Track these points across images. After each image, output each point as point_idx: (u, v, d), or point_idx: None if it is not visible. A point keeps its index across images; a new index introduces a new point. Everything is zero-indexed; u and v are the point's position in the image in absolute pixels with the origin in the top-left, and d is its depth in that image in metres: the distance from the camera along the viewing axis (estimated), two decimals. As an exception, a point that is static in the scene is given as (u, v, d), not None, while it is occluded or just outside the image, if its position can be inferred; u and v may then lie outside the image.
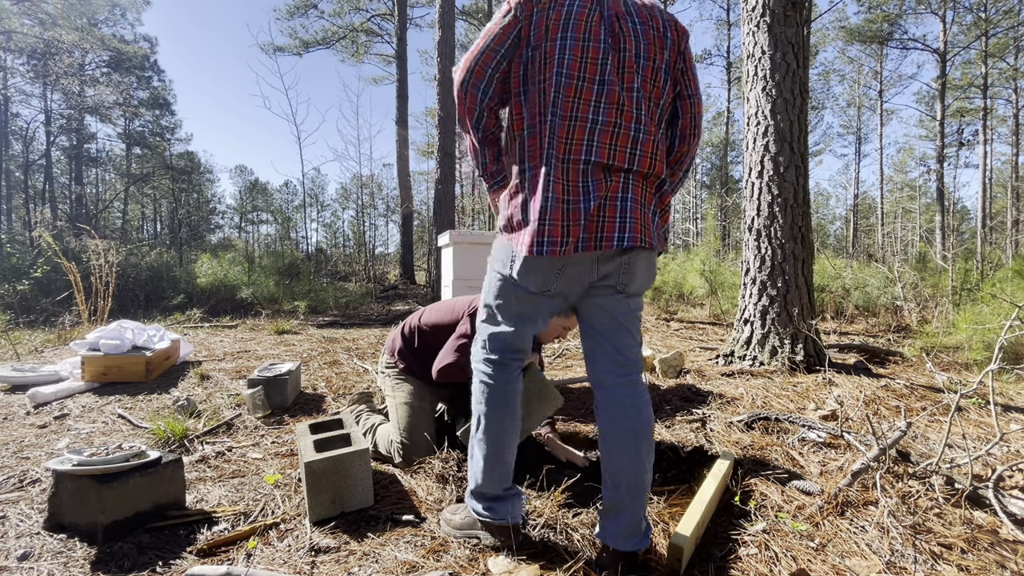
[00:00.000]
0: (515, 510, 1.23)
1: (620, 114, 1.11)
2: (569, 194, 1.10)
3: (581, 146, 1.10)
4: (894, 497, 1.37)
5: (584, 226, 1.09)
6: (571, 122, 1.10)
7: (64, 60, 13.09)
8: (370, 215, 20.78)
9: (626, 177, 1.13)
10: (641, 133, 1.13)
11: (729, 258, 8.30)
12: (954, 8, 14.85)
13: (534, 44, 1.13)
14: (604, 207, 1.11)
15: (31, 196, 17.49)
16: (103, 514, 1.28)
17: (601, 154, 1.11)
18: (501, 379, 1.24)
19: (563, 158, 1.10)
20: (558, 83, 1.10)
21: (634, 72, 1.14)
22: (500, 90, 1.19)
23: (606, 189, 1.11)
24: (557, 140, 1.10)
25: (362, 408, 2.10)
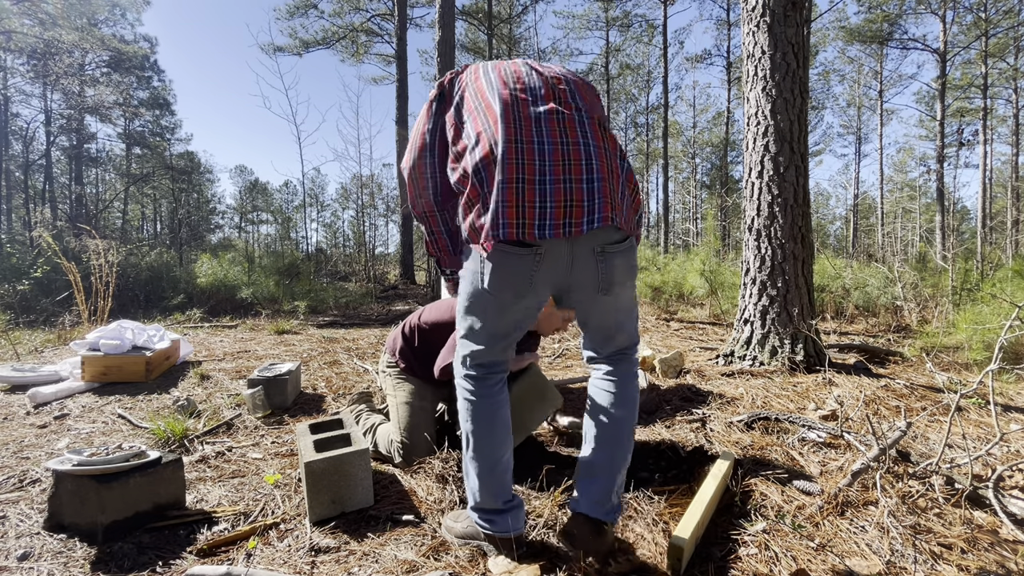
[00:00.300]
0: (517, 521, 1.21)
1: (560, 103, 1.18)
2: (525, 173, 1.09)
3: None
4: (894, 497, 1.37)
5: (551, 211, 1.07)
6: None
7: (64, 60, 13.08)
8: (370, 215, 20.79)
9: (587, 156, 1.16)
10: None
11: (729, 258, 8.30)
12: (954, 8, 14.85)
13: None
14: (571, 190, 1.08)
15: (31, 196, 17.48)
16: (103, 514, 1.28)
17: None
18: (484, 394, 1.23)
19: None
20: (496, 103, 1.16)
21: (562, 80, 1.24)
22: (442, 151, 1.26)
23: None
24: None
25: (362, 408, 2.10)
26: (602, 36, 20.44)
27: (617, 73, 22.08)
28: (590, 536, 1.12)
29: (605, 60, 21.00)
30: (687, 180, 29.60)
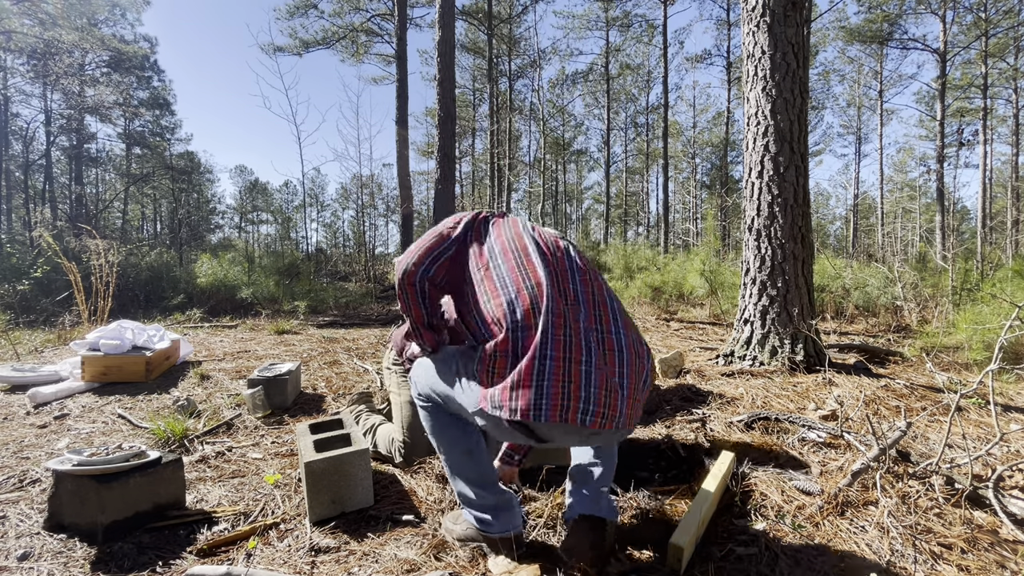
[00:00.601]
0: (514, 518, 1.20)
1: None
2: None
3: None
4: (894, 497, 1.37)
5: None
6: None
7: (64, 60, 13.08)
8: (370, 215, 20.79)
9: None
10: None
11: (729, 258, 8.30)
12: (954, 8, 14.84)
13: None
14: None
15: (31, 196, 17.48)
16: (103, 514, 1.28)
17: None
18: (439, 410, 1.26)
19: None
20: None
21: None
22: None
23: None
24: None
25: (362, 408, 2.10)
26: (602, 36, 20.44)
27: (617, 73, 22.07)
28: (592, 536, 1.12)
29: (605, 60, 20.99)
30: (687, 180, 29.60)
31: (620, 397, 1.01)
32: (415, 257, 1.20)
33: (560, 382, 0.97)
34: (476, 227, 1.25)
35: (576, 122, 26.72)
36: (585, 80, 22.93)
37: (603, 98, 22.34)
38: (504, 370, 1.01)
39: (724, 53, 19.38)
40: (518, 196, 29.60)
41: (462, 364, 1.15)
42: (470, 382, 1.10)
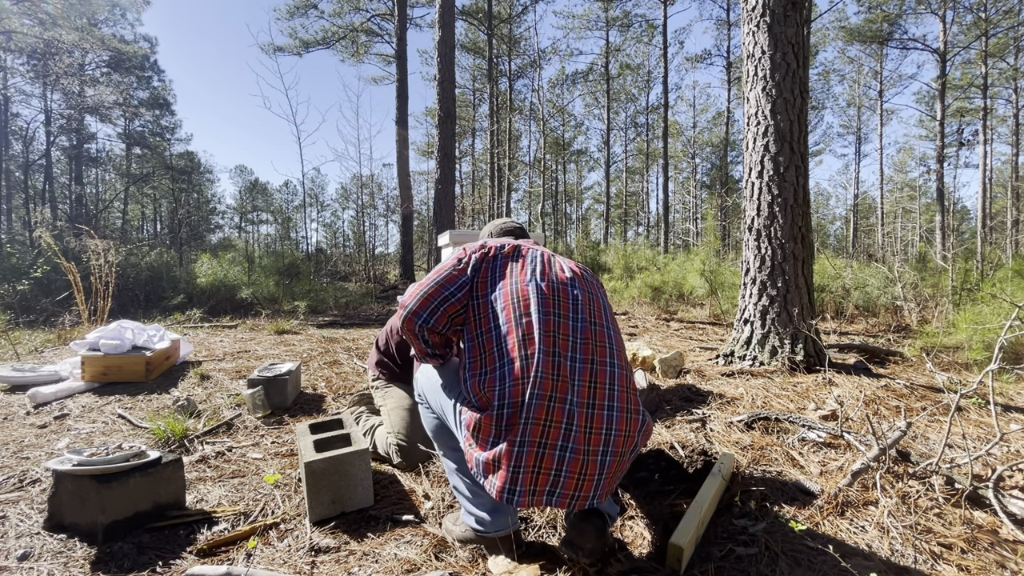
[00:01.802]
0: (511, 517, 1.21)
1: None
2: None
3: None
4: (894, 497, 1.37)
5: None
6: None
7: (64, 60, 13.08)
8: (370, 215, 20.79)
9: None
10: None
11: (729, 258, 8.29)
12: (954, 8, 14.84)
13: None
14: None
15: (31, 196, 17.47)
16: (103, 514, 1.28)
17: None
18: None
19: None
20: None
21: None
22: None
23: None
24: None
25: (362, 409, 2.10)
26: (602, 36, 20.44)
27: (617, 73, 22.07)
28: (594, 531, 1.13)
29: (605, 60, 20.99)
30: (687, 180, 29.60)
31: (596, 476, 1.05)
32: (416, 303, 1.17)
33: (532, 471, 1.02)
34: (484, 269, 1.20)
35: (576, 122, 26.73)
36: (585, 80, 22.92)
37: (603, 98, 22.34)
38: (487, 441, 1.06)
39: (724, 53, 19.39)
40: (518, 196, 29.60)
41: (459, 400, 1.17)
42: (459, 421, 1.14)
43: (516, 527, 1.21)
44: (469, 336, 1.15)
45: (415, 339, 1.21)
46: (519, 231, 1.57)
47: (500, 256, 1.23)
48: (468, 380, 1.11)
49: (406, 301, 1.19)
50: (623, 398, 1.10)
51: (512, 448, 1.02)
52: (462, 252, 1.24)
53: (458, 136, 21.37)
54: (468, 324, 1.17)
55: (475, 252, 1.23)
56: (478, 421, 1.06)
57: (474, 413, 1.08)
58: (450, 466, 1.27)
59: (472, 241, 3.37)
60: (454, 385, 1.20)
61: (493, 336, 1.11)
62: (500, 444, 1.03)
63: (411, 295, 1.18)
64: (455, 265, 1.21)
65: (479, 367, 1.10)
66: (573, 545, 1.11)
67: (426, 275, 1.23)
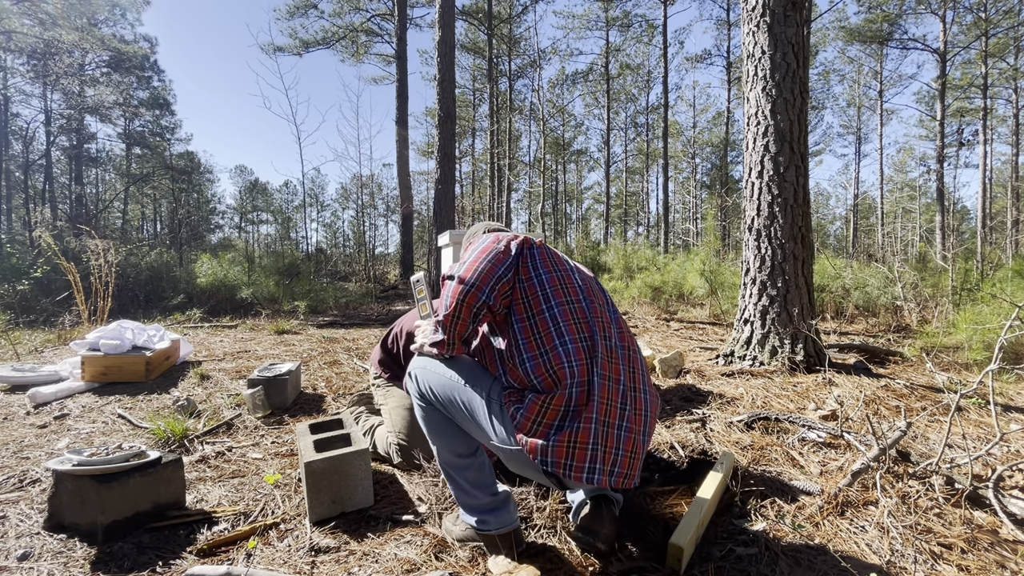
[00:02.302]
0: (511, 514, 1.20)
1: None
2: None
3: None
4: (894, 497, 1.37)
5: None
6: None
7: (64, 60, 13.08)
8: (370, 215, 20.78)
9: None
10: None
11: (729, 258, 8.29)
12: (954, 8, 14.84)
13: None
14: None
15: (31, 196, 17.47)
16: (103, 514, 1.28)
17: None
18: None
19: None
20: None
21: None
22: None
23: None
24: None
25: (362, 409, 2.10)
26: (602, 36, 20.44)
27: (617, 73, 22.07)
28: (608, 518, 1.15)
29: (605, 60, 20.99)
30: (687, 180, 29.60)
31: (641, 456, 1.09)
32: (478, 276, 1.11)
33: (603, 450, 1.04)
34: (525, 255, 1.19)
35: (576, 122, 26.73)
36: (585, 80, 22.93)
37: (603, 98, 22.34)
38: (552, 423, 1.04)
39: (724, 53, 19.39)
40: (518, 196, 29.62)
41: (493, 393, 1.13)
42: (500, 417, 1.10)
43: (516, 525, 1.21)
44: (518, 318, 1.13)
45: (468, 315, 1.12)
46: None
47: (535, 245, 1.24)
48: (527, 363, 1.09)
49: (464, 275, 1.12)
50: (649, 383, 1.18)
51: (590, 426, 1.03)
52: (495, 238, 1.21)
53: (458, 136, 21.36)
54: (515, 306, 1.15)
55: (512, 240, 1.22)
56: (544, 403, 1.04)
57: (536, 396, 1.06)
58: (448, 465, 1.23)
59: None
60: (482, 377, 1.16)
61: (547, 317, 1.12)
62: (574, 424, 1.03)
63: (469, 269, 1.13)
64: (499, 248, 1.17)
65: (536, 347, 1.09)
66: (590, 530, 1.13)
67: (468, 255, 1.19)
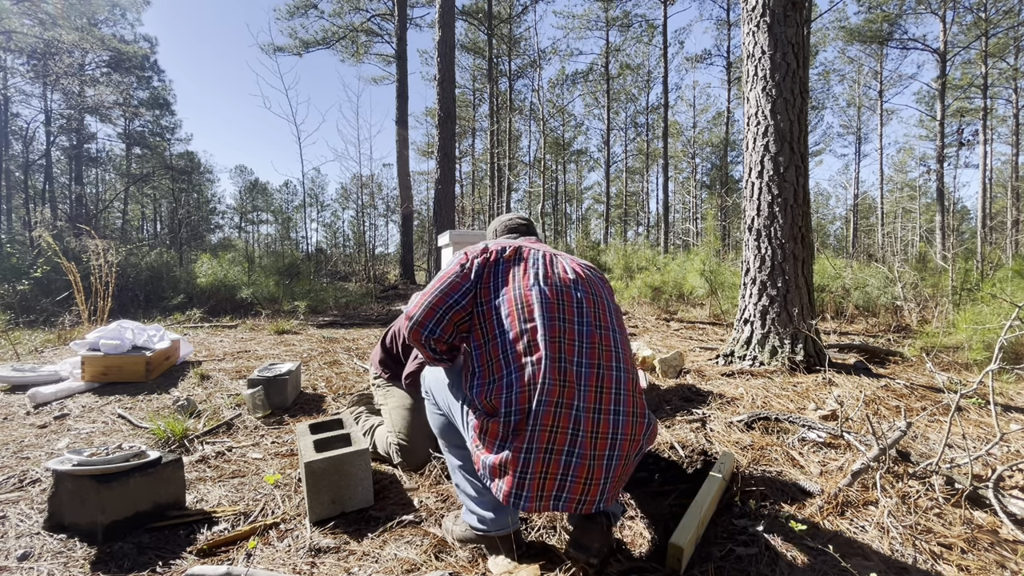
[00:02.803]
0: (513, 516, 1.21)
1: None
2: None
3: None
4: (894, 497, 1.37)
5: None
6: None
7: (64, 60, 13.08)
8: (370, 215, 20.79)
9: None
10: None
11: (729, 258, 8.29)
12: (954, 8, 14.84)
13: None
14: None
15: (31, 196, 17.48)
16: (103, 514, 1.28)
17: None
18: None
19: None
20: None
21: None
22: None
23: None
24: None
25: (362, 409, 2.10)
26: (602, 36, 20.44)
27: (617, 73, 22.07)
28: (599, 532, 1.12)
29: (605, 60, 20.99)
30: (687, 180, 29.60)
31: (602, 480, 1.05)
32: (422, 313, 1.16)
33: (539, 477, 1.03)
34: (487, 275, 1.19)
35: (576, 122, 26.73)
36: (585, 80, 22.92)
37: (603, 98, 22.34)
38: (493, 445, 1.06)
39: (724, 53, 19.39)
40: (518, 196, 29.60)
41: (466, 401, 1.16)
42: (466, 422, 1.14)
43: (517, 527, 1.21)
44: (476, 344, 1.15)
45: (422, 349, 1.20)
46: (525, 227, 1.54)
47: (502, 260, 1.21)
48: (476, 388, 1.11)
49: (411, 311, 1.17)
50: (629, 402, 1.10)
51: (519, 455, 1.02)
52: (464, 257, 1.22)
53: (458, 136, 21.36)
54: (473, 331, 1.16)
55: (476, 257, 1.21)
56: (484, 425, 1.07)
57: (481, 417, 1.08)
58: (454, 463, 1.27)
59: (473, 240, 3.36)
60: (461, 386, 1.20)
61: (499, 344, 1.11)
62: (506, 450, 1.04)
63: (416, 305, 1.17)
64: (458, 272, 1.19)
65: (487, 376, 1.10)
66: (580, 546, 1.11)
67: (430, 282, 1.22)
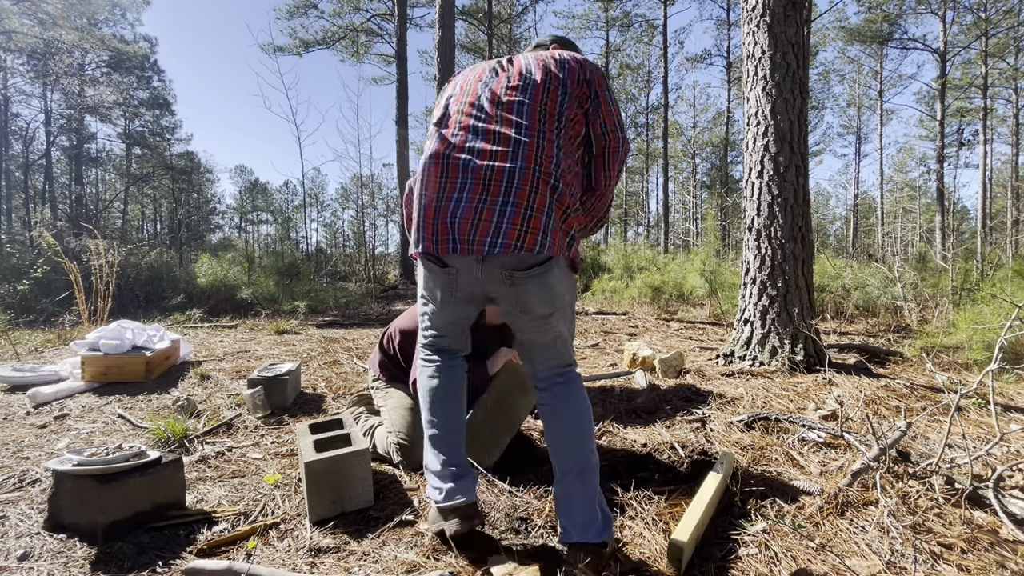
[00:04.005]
0: (467, 491, 1.23)
1: (501, 123, 1.16)
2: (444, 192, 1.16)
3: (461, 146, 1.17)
4: (894, 497, 1.37)
5: (456, 226, 1.11)
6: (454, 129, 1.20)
7: (64, 60, 13.09)
8: (370, 215, 20.79)
9: (509, 179, 1.12)
10: (523, 140, 1.14)
11: (729, 258, 8.29)
12: (954, 8, 14.85)
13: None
14: (480, 209, 1.11)
15: (31, 196, 17.49)
16: (103, 514, 1.27)
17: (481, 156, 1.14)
18: (438, 370, 1.33)
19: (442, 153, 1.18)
20: (447, 104, 1.26)
21: (517, 89, 1.19)
22: None
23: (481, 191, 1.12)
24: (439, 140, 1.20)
25: (362, 409, 2.10)
26: (602, 36, 20.46)
27: (617, 73, 22.08)
28: (592, 561, 1.10)
29: (605, 60, 21.00)
30: (687, 180, 29.62)
31: (492, 222, 1.08)
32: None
33: (431, 220, 1.13)
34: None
35: (576, 122, 26.65)
36: (585, 80, 22.88)
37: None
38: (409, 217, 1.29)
39: (724, 53, 19.40)
40: (518, 196, 29.51)
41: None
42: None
43: (470, 500, 1.23)
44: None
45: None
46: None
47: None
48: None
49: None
50: (530, 162, 1.12)
51: (412, 209, 1.22)
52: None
53: (458, 136, 21.26)
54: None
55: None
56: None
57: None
58: (424, 433, 1.34)
59: None
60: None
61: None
62: (415, 206, 1.20)
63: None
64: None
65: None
66: (572, 571, 1.10)
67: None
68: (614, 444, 1.88)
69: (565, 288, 1.20)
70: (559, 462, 1.20)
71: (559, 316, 1.20)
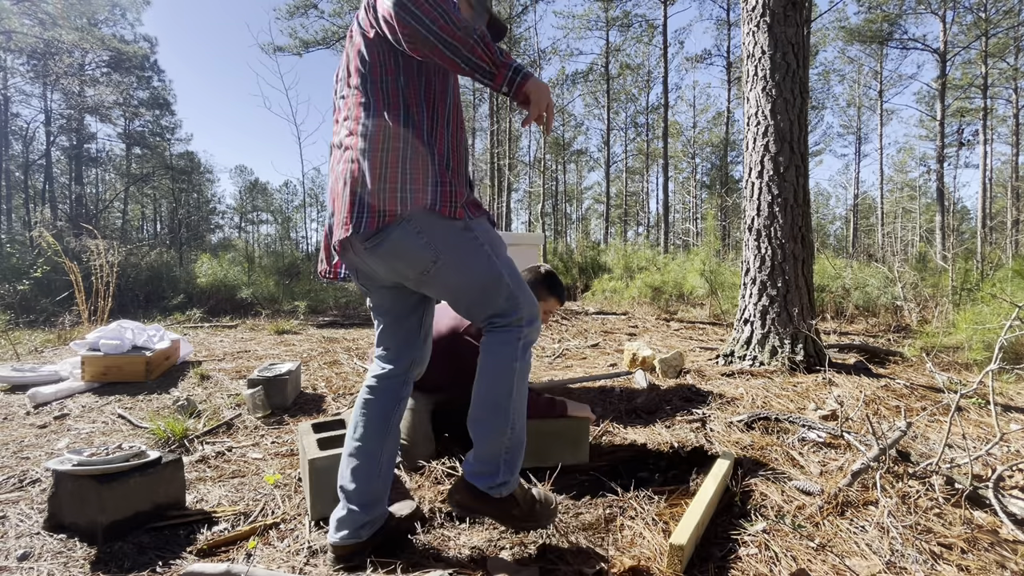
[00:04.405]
0: (341, 527, 1.16)
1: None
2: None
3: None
4: (894, 497, 1.37)
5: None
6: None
7: (64, 60, 13.10)
8: (370, 215, 20.73)
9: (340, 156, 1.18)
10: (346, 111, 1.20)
11: (729, 258, 8.29)
12: (954, 8, 14.85)
13: None
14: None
15: (31, 196, 17.50)
16: (103, 514, 1.27)
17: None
18: (373, 390, 1.26)
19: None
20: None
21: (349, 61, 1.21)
22: None
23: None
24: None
25: (362, 408, 2.10)
26: (602, 36, 20.44)
27: (617, 73, 22.08)
28: (469, 500, 1.16)
29: (605, 60, 20.99)
30: (687, 180, 29.63)
31: (340, 211, 1.14)
32: None
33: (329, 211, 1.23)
34: None
35: (576, 122, 26.75)
36: (585, 80, 22.92)
37: (603, 98, 22.35)
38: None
39: (724, 53, 19.41)
40: (518, 196, 29.64)
41: None
42: None
43: (335, 543, 1.16)
44: None
45: None
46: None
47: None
48: None
49: None
50: (374, 135, 1.11)
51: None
52: None
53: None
54: None
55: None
56: None
57: None
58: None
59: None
60: None
61: None
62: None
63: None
64: None
65: None
66: (453, 496, 1.20)
67: None
68: (614, 444, 1.88)
69: (427, 242, 1.10)
70: (470, 413, 1.19)
71: (441, 272, 1.11)
